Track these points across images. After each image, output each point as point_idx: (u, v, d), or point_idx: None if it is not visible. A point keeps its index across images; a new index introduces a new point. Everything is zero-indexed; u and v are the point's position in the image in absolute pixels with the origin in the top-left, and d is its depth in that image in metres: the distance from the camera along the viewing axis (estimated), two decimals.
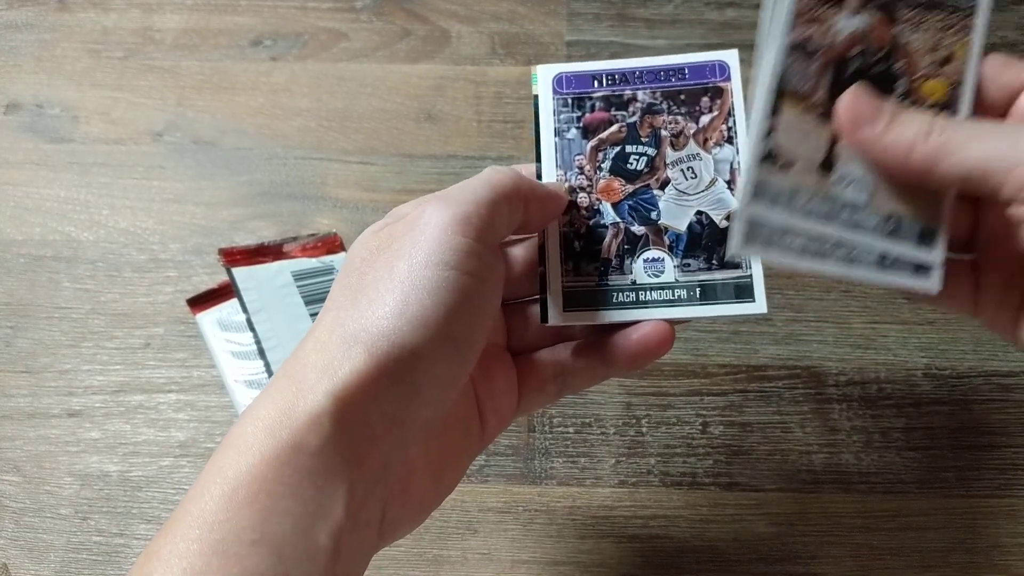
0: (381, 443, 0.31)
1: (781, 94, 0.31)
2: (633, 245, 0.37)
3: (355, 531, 0.30)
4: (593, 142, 0.38)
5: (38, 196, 0.57)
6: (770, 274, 0.52)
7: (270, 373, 0.49)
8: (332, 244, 0.54)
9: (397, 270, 0.31)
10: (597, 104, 0.38)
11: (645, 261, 0.37)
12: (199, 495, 0.29)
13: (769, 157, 0.31)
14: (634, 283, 0.36)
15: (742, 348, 0.51)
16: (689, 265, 0.37)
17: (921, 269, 0.32)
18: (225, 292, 0.52)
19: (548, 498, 0.47)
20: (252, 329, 0.51)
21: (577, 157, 0.38)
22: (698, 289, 0.36)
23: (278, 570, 0.28)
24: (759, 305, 0.36)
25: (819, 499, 0.46)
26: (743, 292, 0.36)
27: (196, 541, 0.28)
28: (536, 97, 0.39)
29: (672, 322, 0.36)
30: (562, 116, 0.38)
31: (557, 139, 0.38)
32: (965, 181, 0.30)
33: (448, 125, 0.59)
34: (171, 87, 0.61)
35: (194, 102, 0.60)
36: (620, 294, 0.36)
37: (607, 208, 0.37)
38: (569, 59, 0.61)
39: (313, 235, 0.54)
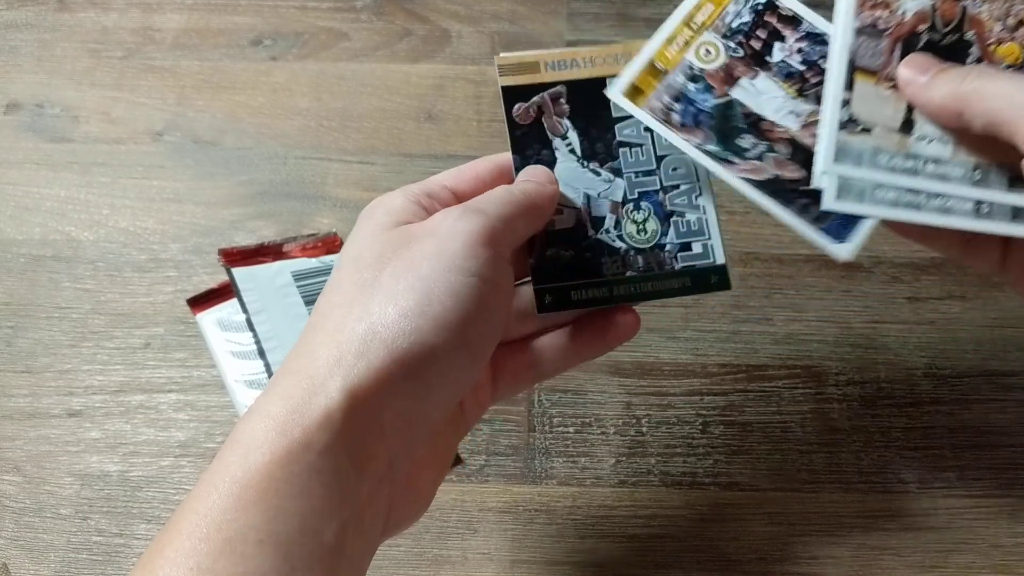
0: (389, 441, 0.31)
1: (853, 70, 0.35)
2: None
3: (360, 528, 0.30)
4: None
5: (38, 196, 0.57)
6: (770, 272, 0.53)
7: (270, 373, 0.49)
8: (332, 244, 0.54)
9: (420, 271, 0.31)
10: None
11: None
12: (206, 493, 0.29)
13: (847, 124, 0.34)
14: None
15: (742, 348, 0.51)
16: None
17: (1020, 214, 0.34)
18: (225, 292, 0.52)
19: (548, 498, 0.47)
20: (252, 329, 0.51)
21: None
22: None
23: (284, 570, 0.28)
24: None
25: (819, 499, 0.46)
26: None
27: (203, 540, 0.28)
28: (505, 88, 0.38)
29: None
30: None
31: None
32: (988, 127, 0.32)
33: (448, 125, 0.59)
34: (171, 87, 0.61)
35: (194, 102, 0.60)
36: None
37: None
38: None
39: (313, 235, 0.54)
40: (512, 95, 0.38)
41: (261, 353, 0.50)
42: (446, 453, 0.37)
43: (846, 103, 0.35)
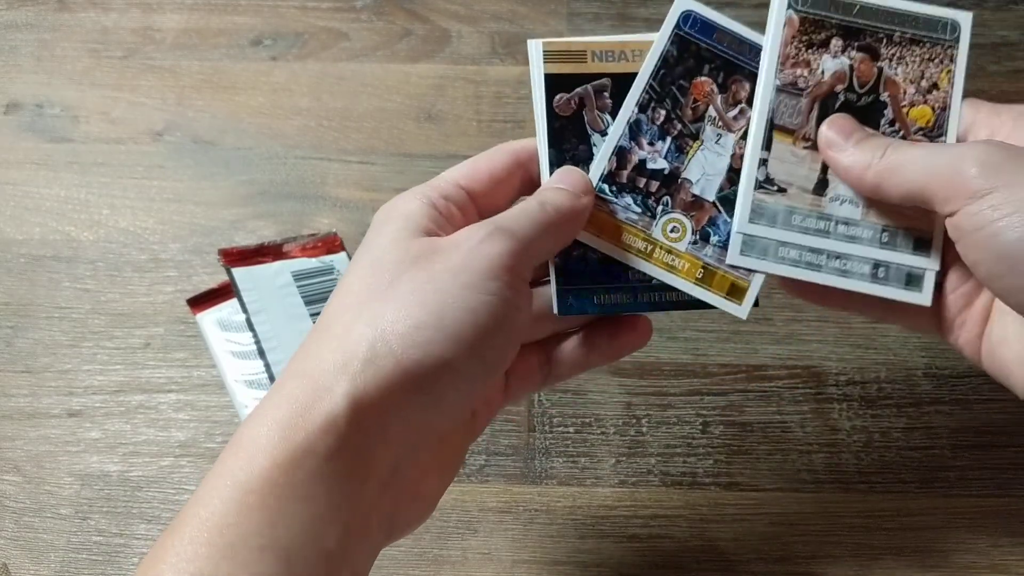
0: (393, 447, 0.31)
1: (772, 129, 0.35)
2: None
3: (364, 533, 0.30)
4: None
5: (38, 196, 0.57)
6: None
7: (270, 373, 0.49)
8: (332, 244, 0.54)
9: (440, 284, 0.31)
10: None
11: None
12: (208, 497, 0.29)
13: (764, 184, 0.36)
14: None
15: (742, 348, 0.51)
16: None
17: (913, 281, 0.35)
18: (225, 292, 0.52)
19: (548, 498, 0.47)
20: (252, 329, 0.51)
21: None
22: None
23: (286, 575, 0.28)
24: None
25: (819, 499, 0.46)
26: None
27: (205, 545, 0.28)
28: (548, 76, 0.36)
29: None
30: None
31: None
32: (906, 198, 0.33)
33: (448, 125, 0.59)
34: (171, 87, 0.61)
35: (194, 102, 0.60)
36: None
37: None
38: None
39: (313, 235, 0.54)
40: (554, 84, 0.36)
41: (261, 353, 0.50)
42: (453, 458, 0.37)
43: (764, 163, 0.35)
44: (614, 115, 0.36)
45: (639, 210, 0.36)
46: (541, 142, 0.36)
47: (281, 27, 0.63)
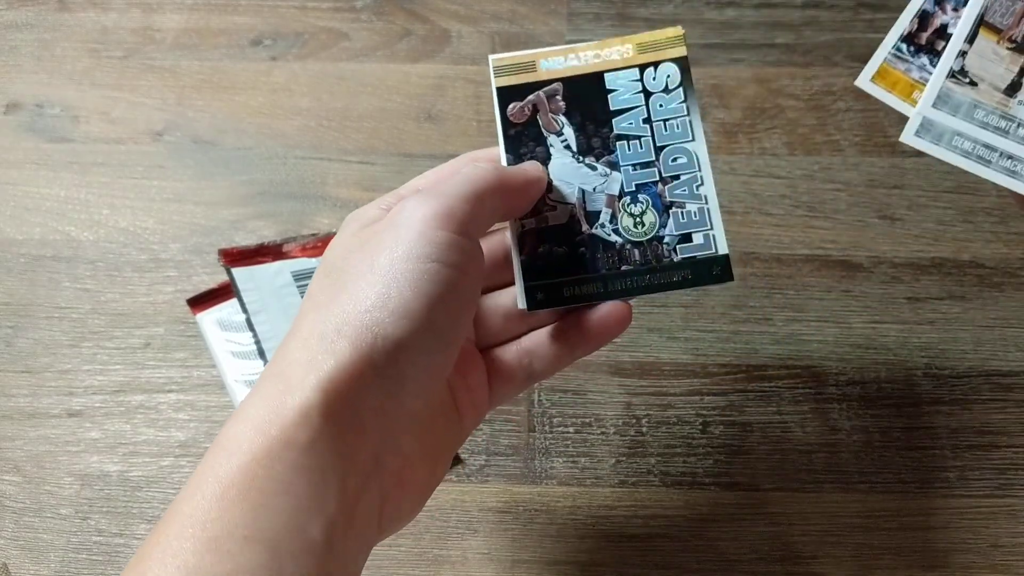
0: (371, 435, 0.31)
1: (980, 24, 0.37)
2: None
3: (351, 526, 0.30)
4: None
5: (38, 196, 0.57)
6: (770, 272, 0.53)
7: None
8: None
9: (378, 264, 0.31)
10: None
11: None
12: (191, 495, 0.29)
13: (957, 74, 0.37)
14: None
15: (742, 348, 0.51)
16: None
17: None
18: (225, 292, 0.52)
19: (548, 498, 0.47)
20: (252, 329, 0.51)
21: None
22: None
23: (272, 566, 0.28)
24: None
25: (819, 499, 0.46)
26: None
27: (189, 539, 0.28)
28: (500, 89, 0.38)
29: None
30: None
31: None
32: None
33: (448, 125, 0.59)
34: (171, 87, 0.61)
35: (194, 102, 0.60)
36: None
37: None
38: None
39: (313, 235, 0.54)
40: (507, 95, 0.38)
41: (261, 353, 0.50)
42: (440, 452, 0.37)
43: (963, 54, 0.37)
44: (568, 116, 0.38)
45: (932, 72, 0.37)
46: (502, 150, 0.38)
47: (281, 27, 0.63)
